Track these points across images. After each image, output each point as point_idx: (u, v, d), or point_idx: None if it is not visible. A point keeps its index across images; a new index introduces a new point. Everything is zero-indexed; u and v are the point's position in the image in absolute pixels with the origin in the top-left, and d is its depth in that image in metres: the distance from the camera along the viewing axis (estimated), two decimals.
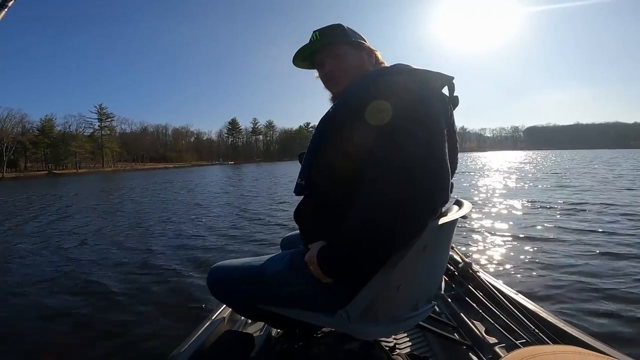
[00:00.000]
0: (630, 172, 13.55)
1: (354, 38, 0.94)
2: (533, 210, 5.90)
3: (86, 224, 6.59)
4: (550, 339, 1.10)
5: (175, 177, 23.80)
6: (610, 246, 3.51)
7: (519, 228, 4.52)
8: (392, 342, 1.28)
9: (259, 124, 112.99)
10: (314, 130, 0.89)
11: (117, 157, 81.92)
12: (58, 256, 4.23)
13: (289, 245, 1.29)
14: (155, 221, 6.59)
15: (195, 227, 5.76)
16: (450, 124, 0.85)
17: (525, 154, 66.11)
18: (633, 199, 6.50)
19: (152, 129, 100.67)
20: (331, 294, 0.83)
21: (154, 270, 3.50)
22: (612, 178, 11.06)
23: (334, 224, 0.78)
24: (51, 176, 49.51)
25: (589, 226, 4.42)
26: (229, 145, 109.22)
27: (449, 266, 1.69)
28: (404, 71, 0.83)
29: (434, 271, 0.94)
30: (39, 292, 3.00)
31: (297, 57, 0.99)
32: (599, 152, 54.87)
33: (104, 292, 2.95)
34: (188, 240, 4.78)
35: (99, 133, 79.26)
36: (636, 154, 38.35)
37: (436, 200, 0.72)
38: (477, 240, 3.96)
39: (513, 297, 1.38)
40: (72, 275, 3.45)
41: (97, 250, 4.44)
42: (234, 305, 1.08)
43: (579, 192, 7.92)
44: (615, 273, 2.77)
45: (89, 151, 73.64)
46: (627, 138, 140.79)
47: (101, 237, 5.34)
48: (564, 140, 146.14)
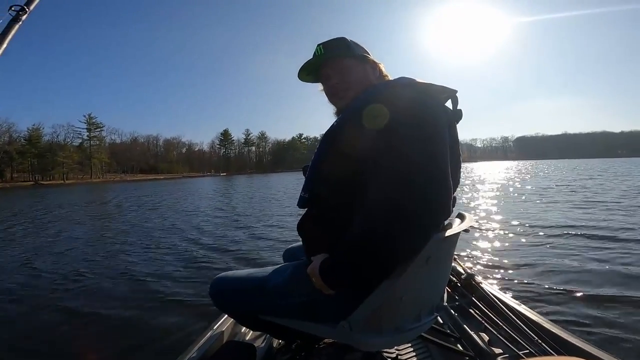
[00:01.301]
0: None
1: (357, 51, 0.95)
2: (535, 220, 5.90)
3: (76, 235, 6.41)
4: (554, 350, 1.10)
5: (158, 191, 22.18)
6: (617, 256, 3.50)
7: (521, 237, 4.55)
8: (394, 353, 1.27)
9: (251, 135, 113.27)
10: (318, 144, 0.89)
11: (106, 168, 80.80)
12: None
13: (291, 257, 1.28)
14: (145, 235, 6.45)
15: (199, 239, 5.69)
16: (454, 137, 0.86)
17: (516, 164, 66.76)
18: None
19: (142, 140, 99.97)
20: (333, 305, 0.82)
21: (154, 280, 3.49)
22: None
23: (337, 237, 0.78)
24: (37, 187, 48.36)
25: (595, 235, 4.41)
26: (221, 156, 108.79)
27: (452, 277, 1.69)
28: (407, 84, 0.85)
29: (437, 283, 0.94)
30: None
31: (303, 71, 0.99)
32: (590, 162, 55.38)
33: (105, 300, 2.94)
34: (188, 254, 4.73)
35: (88, 143, 78.33)
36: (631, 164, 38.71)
37: (438, 210, 0.71)
38: (479, 252, 3.95)
39: (516, 308, 1.37)
40: (69, 287, 3.40)
41: (94, 261, 4.37)
42: (236, 316, 1.08)
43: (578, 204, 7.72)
44: (623, 282, 2.77)
45: (77, 162, 72.60)
46: (614, 147, 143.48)
47: (93, 249, 5.22)
48: (552, 150, 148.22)
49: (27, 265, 4.37)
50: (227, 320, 1.33)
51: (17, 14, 1.09)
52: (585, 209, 6.71)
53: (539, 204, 7.90)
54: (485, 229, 5.29)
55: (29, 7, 1.14)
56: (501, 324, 1.31)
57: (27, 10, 1.13)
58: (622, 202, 7.47)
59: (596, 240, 4.19)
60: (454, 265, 1.74)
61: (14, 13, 1.09)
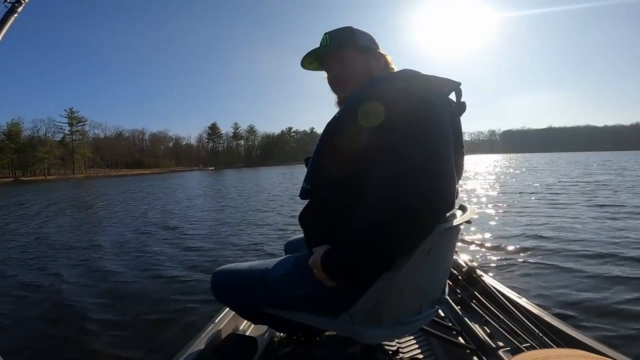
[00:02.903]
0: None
1: (362, 42, 0.94)
2: (536, 211, 6.02)
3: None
4: (555, 343, 1.10)
5: (134, 187, 20.99)
6: (617, 247, 3.53)
7: (523, 230, 4.60)
8: (395, 346, 1.28)
9: (240, 129, 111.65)
10: (320, 135, 0.89)
11: (89, 163, 78.70)
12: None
13: (292, 249, 1.28)
14: (143, 226, 6.30)
15: (193, 233, 5.70)
16: (457, 130, 0.86)
17: (504, 157, 67.47)
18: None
19: (127, 134, 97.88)
20: (334, 298, 0.83)
21: (155, 274, 3.52)
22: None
23: (338, 228, 0.78)
24: (17, 183, 46.72)
25: (597, 228, 4.48)
26: (209, 150, 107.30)
27: (453, 270, 1.69)
28: (409, 76, 0.84)
29: (438, 275, 0.94)
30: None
31: (306, 60, 0.98)
32: (576, 155, 56.10)
33: (106, 297, 2.95)
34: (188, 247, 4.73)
35: (70, 138, 75.86)
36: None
37: (438, 203, 0.71)
38: (480, 244, 3.99)
39: (517, 301, 1.38)
40: (73, 282, 3.40)
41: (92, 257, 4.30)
42: (238, 308, 1.08)
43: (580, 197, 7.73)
44: (623, 275, 2.78)
45: (58, 157, 70.50)
46: (597, 141, 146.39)
47: (92, 243, 5.10)
48: (538, 143, 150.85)
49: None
50: (228, 313, 1.34)
51: (13, 5, 1.11)
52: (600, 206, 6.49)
53: (540, 197, 7.95)
54: (485, 221, 5.36)
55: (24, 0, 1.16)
56: (502, 317, 1.32)
57: (22, 2, 1.14)
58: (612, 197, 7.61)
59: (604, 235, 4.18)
60: (455, 258, 1.74)
61: (9, 5, 1.11)
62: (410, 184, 0.67)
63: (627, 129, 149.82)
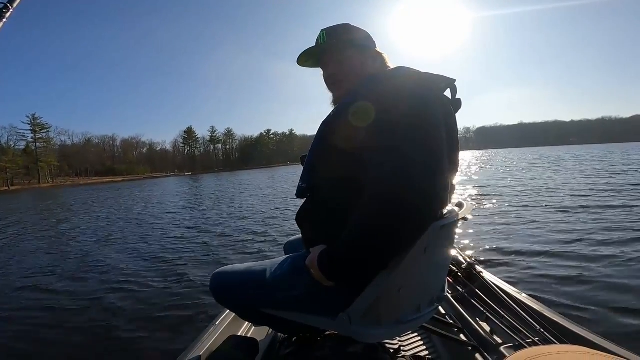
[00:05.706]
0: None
1: (359, 41, 0.93)
2: (533, 205, 6.08)
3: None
4: (557, 339, 1.10)
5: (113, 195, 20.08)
6: (617, 240, 3.54)
7: (522, 224, 4.63)
8: (397, 344, 1.27)
9: (217, 132, 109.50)
10: (316, 134, 0.89)
11: (56, 171, 74.55)
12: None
13: (292, 250, 1.26)
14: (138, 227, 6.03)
15: (193, 234, 5.76)
16: (452, 126, 0.86)
17: (480, 153, 67.52)
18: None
19: (97, 140, 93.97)
20: (332, 297, 0.82)
21: (156, 276, 3.52)
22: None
23: (335, 226, 0.77)
24: None
25: (593, 224, 4.41)
26: (185, 155, 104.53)
27: (453, 267, 1.69)
28: (403, 74, 0.84)
29: (436, 273, 0.94)
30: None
31: (302, 57, 0.96)
32: (544, 151, 56.87)
33: (106, 298, 2.97)
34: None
35: (34, 146, 71.61)
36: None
37: (434, 201, 0.71)
38: (479, 240, 3.99)
39: (518, 297, 1.38)
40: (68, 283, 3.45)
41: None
42: (238, 310, 1.06)
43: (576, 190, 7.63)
44: (626, 269, 2.75)
45: (22, 166, 66.19)
46: (566, 135, 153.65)
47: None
48: (510, 140, 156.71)
49: None
50: (228, 315, 1.32)
51: (0, 11, 1.07)
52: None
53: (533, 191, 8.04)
54: (484, 216, 5.42)
55: (12, 5, 1.13)
56: (503, 313, 1.32)
57: (10, 7, 1.11)
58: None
59: (603, 225, 4.22)
60: (454, 254, 1.74)
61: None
62: (409, 182, 0.67)
63: (593, 124, 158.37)
